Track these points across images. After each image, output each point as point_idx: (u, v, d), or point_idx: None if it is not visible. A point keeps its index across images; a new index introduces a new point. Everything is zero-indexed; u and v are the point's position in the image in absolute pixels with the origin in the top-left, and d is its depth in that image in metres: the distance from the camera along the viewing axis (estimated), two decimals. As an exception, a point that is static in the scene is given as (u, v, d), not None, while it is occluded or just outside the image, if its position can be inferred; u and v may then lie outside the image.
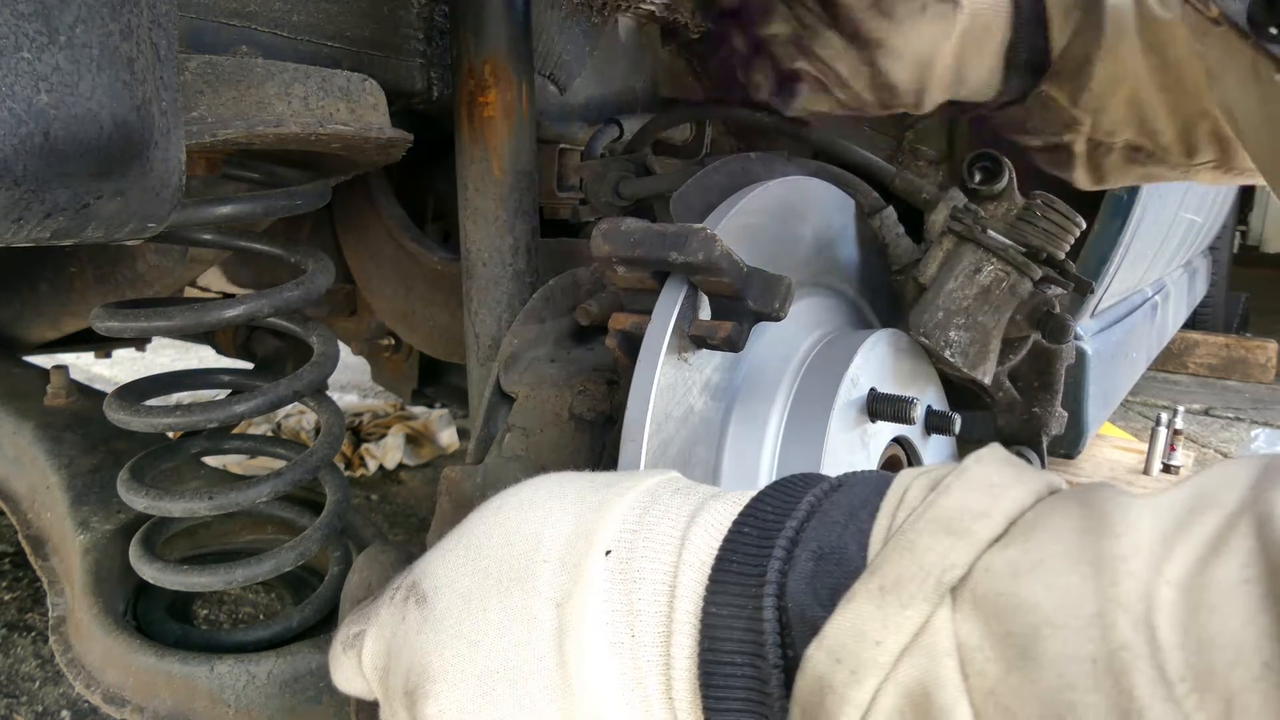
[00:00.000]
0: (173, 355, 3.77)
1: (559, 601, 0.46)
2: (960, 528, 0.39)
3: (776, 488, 0.49)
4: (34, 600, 1.89)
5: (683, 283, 0.64)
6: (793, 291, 0.62)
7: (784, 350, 0.76)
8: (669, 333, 0.62)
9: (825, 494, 0.47)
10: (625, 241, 0.63)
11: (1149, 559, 0.35)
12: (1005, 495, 0.41)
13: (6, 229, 0.46)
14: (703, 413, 0.68)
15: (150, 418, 0.84)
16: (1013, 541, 0.39)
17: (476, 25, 0.90)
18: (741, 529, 0.46)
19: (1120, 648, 0.34)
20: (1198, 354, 4.57)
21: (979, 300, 0.85)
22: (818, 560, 0.43)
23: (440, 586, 0.49)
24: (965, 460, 0.44)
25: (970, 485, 0.41)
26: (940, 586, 0.38)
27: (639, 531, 0.47)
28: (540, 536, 0.48)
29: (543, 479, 0.53)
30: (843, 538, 0.43)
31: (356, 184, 1.44)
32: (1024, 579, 0.37)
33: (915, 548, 0.39)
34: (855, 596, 0.40)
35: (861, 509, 0.45)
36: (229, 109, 0.67)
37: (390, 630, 0.50)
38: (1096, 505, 0.39)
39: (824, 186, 0.84)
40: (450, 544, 0.51)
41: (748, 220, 0.72)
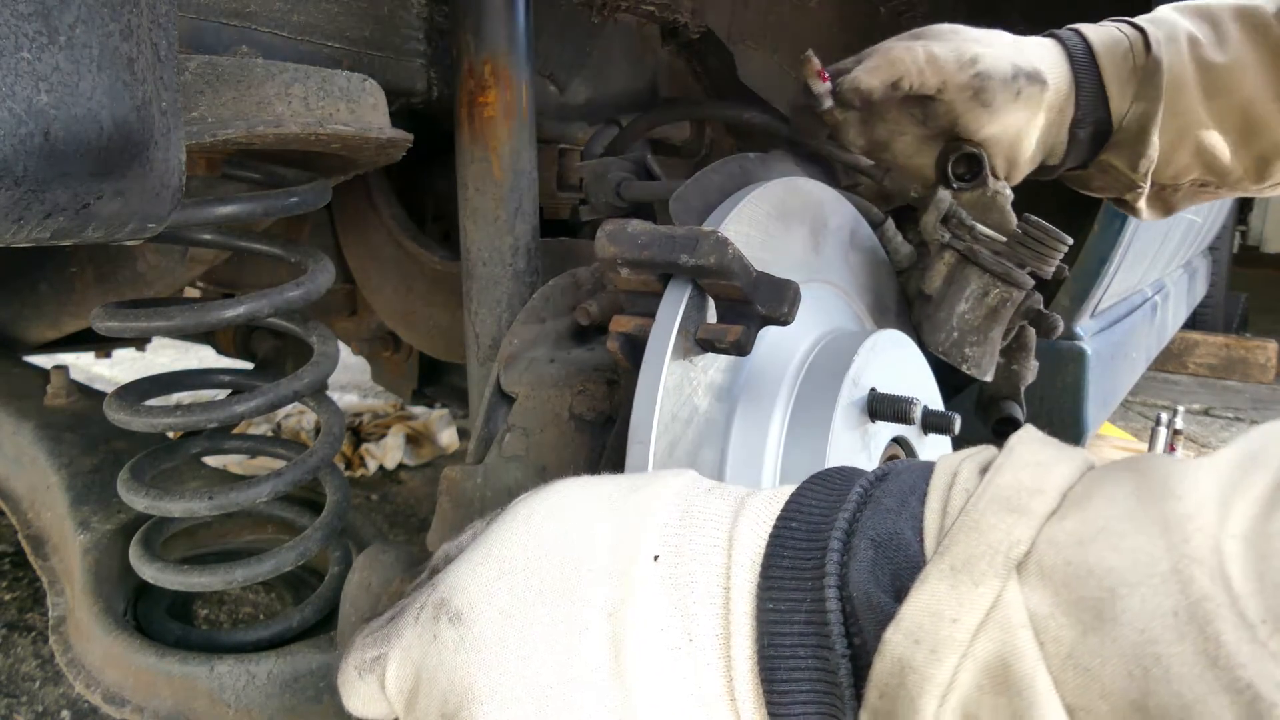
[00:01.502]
0: (173, 355, 3.77)
1: (610, 611, 0.45)
2: (1020, 504, 0.41)
3: (816, 481, 0.49)
4: (34, 600, 1.89)
5: (686, 284, 0.63)
6: (799, 296, 0.62)
7: (785, 350, 0.76)
8: (674, 334, 0.62)
9: (874, 483, 0.47)
10: (632, 243, 0.63)
11: (1213, 516, 0.36)
12: (1054, 471, 0.42)
13: (6, 229, 0.46)
14: (707, 414, 0.68)
15: (150, 418, 0.84)
16: (1068, 513, 0.40)
17: (476, 25, 0.90)
18: (789, 524, 0.46)
19: (1202, 598, 0.35)
20: (1198, 354, 4.57)
21: (988, 320, 0.92)
22: (877, 548, 0.44)
23: (476, 603, 0.47)
24: (1010, 441, 0.45)
25: (1020, 464, 0.43)
26: (1009, 562, 0.39)
27: (683, 534, 0.46)
28: (580, 545, 0.47)
29: (564, 484, 0.52)
30: (898, 524, 0.44)
31: (356, 184, 1.44)
32: (1089, 546, 0.38)
33: (980, 526, 0.41)
34: (929, 578, 0.41)
35: (911, 495, 0.45)
36: (229, 109, 0.67)
37: (419, 652, 0.48)
38: (1149, 471, 0.40)
39: (819, 186, 0.84)
40: (478, 557, 0.49)
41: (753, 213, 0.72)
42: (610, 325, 0.68)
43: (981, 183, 0.93)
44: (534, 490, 0.53)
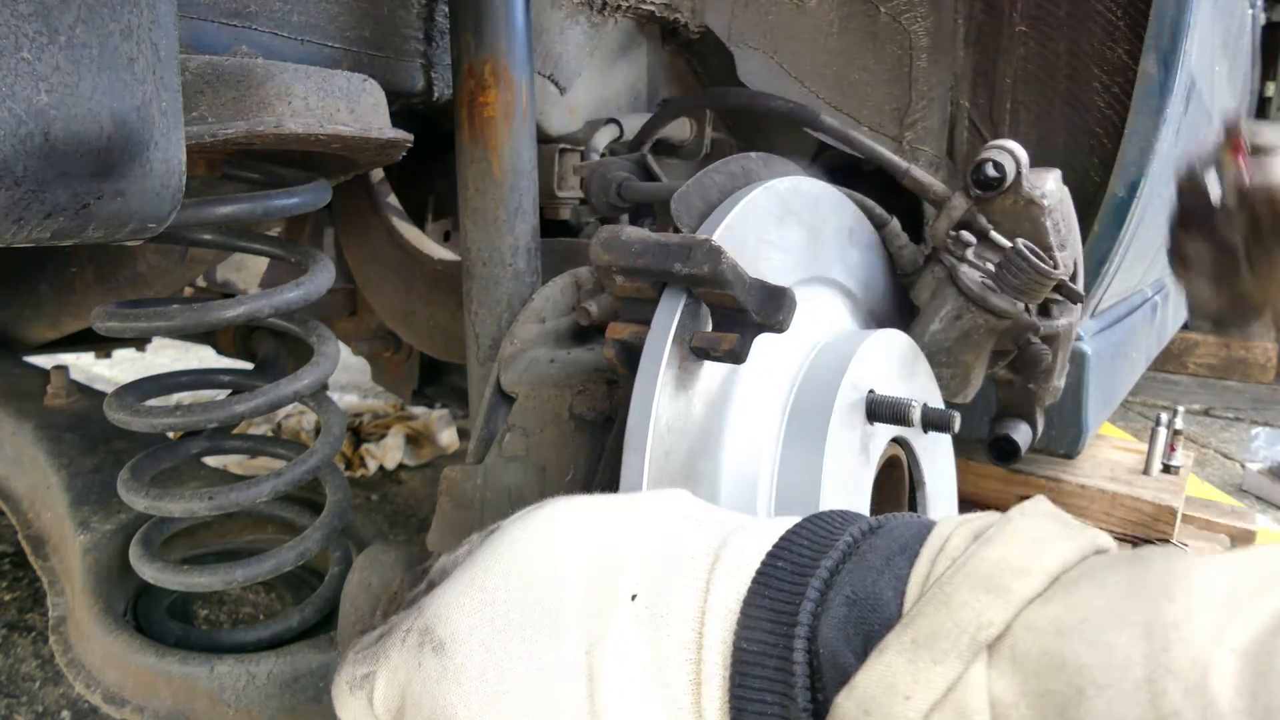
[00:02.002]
0: (173, 355, 3.77)
1: (588, 649, 0.45)
2: (999, 584, 0.39)
3: (813, 523, 0.48)
4: (34, 600, 1.89)
5: (681, 292, 0.63)
6: (795, 304, 0.62)
7: (783, 353, 0.76)
8: (669, 345, 0.62)
9: (863, 535, 0.46)
10: (626, 251, 0.62)
11: (1208, 627, 0.35)
12: (1049, 551, 0.40)
13: (7, 229, 0.45)
14: (703, 422, 0.68)
15: (150, 418, 0.84)
16: (1055, 597, 0.39)
17: (476, 25, 0.90)
18: (775, 563, 0.45)
19: (1171, 714, 0.34)
20: (1198, 354, 4.57)
21: (959, 343, 0.89)
22: (851, 606, 0.43)
23: (458, 635, 0.48)
24: (1010, 512, 0.43)
25: (1013, 539, 0.41)
26: (975, 644, 0.38)
27: (663, 573, 0.46)
28: (561, 580, 0.47)
29: (552, 509, 0.52)
30: (878, 584, 0.43)
31: (356, 184, 1.44)
32: (1067, 637, 0.37)
33: (951, 602, 0.39)
34: (887, 649, 0.39)
35: (900, 555, 0.44)
36: (229, 109, 0.67)
37: (405, 676, 0.49)
38: (1151, 564, 0.38)
39: (821, 185, 0.84)
40: (462, 585, 0.50)
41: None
42: (606, 332, 0.67)
43: (1013, 189, 0.86)
44: (522, 513, 0.53)
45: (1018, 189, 0.87)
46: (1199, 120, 1.56)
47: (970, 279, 0.86)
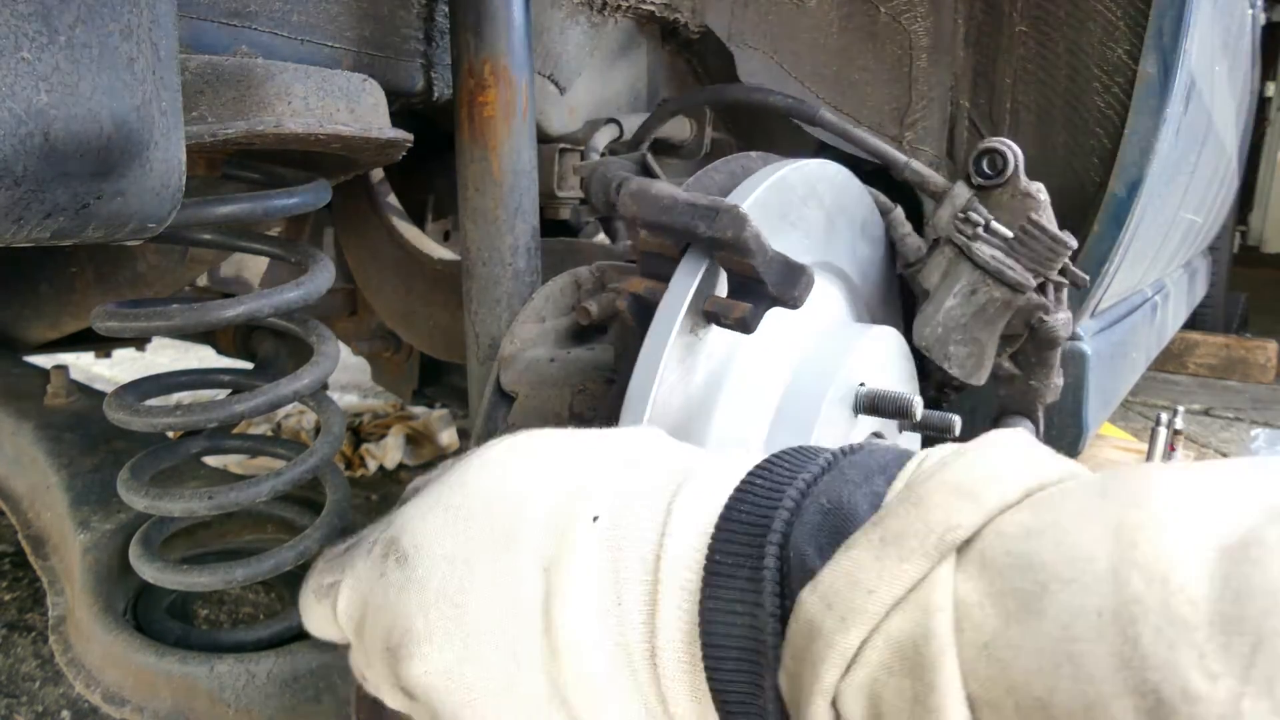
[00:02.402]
0: (173, 355, 3.77)
1: (546, 567, 0.46)
2: (972, 490, 0.39)
3: (793, 450, 0.48)
4: (34, 600, 1.89)
5: (704, 256, 0.63)
6: (813, 282, 0.62)
7: (783, 337, 0.76)
8: (685, 305, 0.62)
9: (844, 454, 0.46)
10: (654, 206, 0.62)
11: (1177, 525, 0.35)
12: (1025, 467, 0.41)
13: (6, 229, 0.46)
14: (702, 392, 0.68)
15: (150, 418, 0.84)
16: (1026, 506, 0.39)
17: (476, 25, 0.90)
18: (755, 481, 0.46)
19: (1132, 600, 0.34)
20: (1198, 354, 4.57)
21: (975, 318, 0.89)
22: (825, 514, 0.43)
23: (421, 546, 0.48)
24: (992, 434, 0.44)
25: (992, 452, 0.42)
26: (942, 545, 0.38)
27: (624, 496, 0.46)
28: (525, 497, 0.48)
29: (524, 435, 0.52)
30: (854, 496, 0.43)
31: (356, 184, 1.44)
32: (1034, 539, 0.37)
33: (922, 504, 0.39)
34: (854, 545, 0.40)
35: (879, 473, 0.44)
36: (229, 109, 0.67)
37: (368, 585, 0.50)
38: (1123, 477, 0.39)
39: (843, 171, 0.84)
40: (430, 501, 0.51)
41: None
42: (625, 285, 0.67)
43: (1010, 182, 0.88)
44: (499, 438, 0.54)
45: (1015, 182, 0.88)
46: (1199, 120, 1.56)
47: (985, 252, 0.86)
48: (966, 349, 0.88)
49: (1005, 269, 0.87)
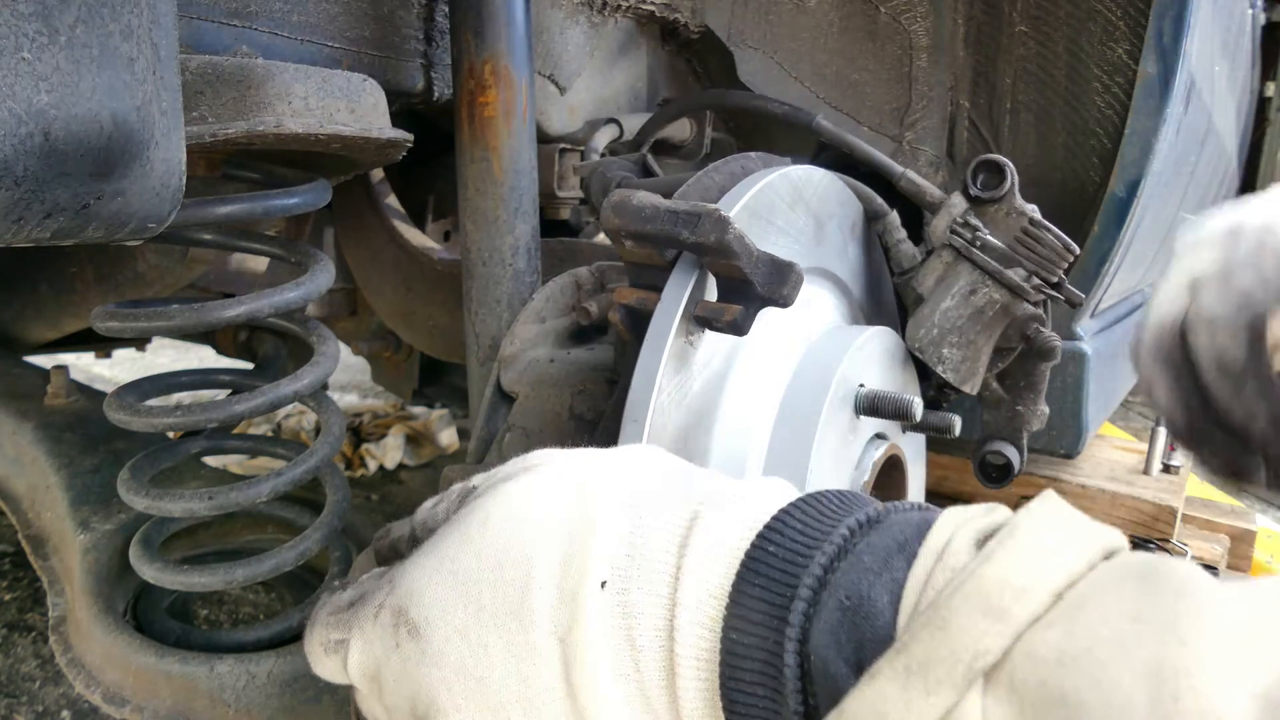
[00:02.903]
0: (173, 355, 3.77)
1: (561, 636, 0.46)
2: (999, 606, 0.37)
3: (807, 506, 0.46)
4: (34, 600, 1.89)
5: (695, 265, 0.63)
6: (801, 279, 0.62)
7: (781, 341, 0.76)
8: (679, 314, 0.62)
9: (860, 528, 0.44)
10: (636, 216, 0.62)
11: (1221, 674, 0.33)
12: (1053, 564, 0.38)
13: (7, 229, 0.46)
14: (702, 398, 0.68)
15: (150, 418, 0.84)
16: (1057, 620, 0.37)
17: (476, 25, 0.90)
18: (767, 547, 0.44)
19: None
20: (1198, 354, 4.56)
21: (973, 320, 0.87)
22: (844, 611, 0.41)
23: (432, 620, 0.48)
24: (1016, 516, 0.41)
25: (1015, 552, 0.39)
26: (971, 673, 0.36)
27: (632, 557, 0.46)
28: (531, 562, 0.47)
29: (518, 483, 0.51)
30: (874, 587, 0.41)
31: (356, 184, 1.44)
32: (1069, 668, 0.35)
33: (948, 627, 0.37)
34: (879, 674, 0.38)
35: (898, 554, 0.42)
36: (229, 109, 0.67)
37: (381, 652, 0.50)
38: (1158, 591, 0.36)
39: (830, 176, 0.84)
40: (434, 563, 0.50)
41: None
42: (614, 296, 0.67)
43: (1006, 199, 0.87)
44: (494, 481, 0.53)
45: (1010, 199, 0.88)
46: (1199, 120, 1.56)
47: (985, 253, 0.86)
48: (961, 352, 0.88)
49: (1004, 271, 0.87)
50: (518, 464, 0.55)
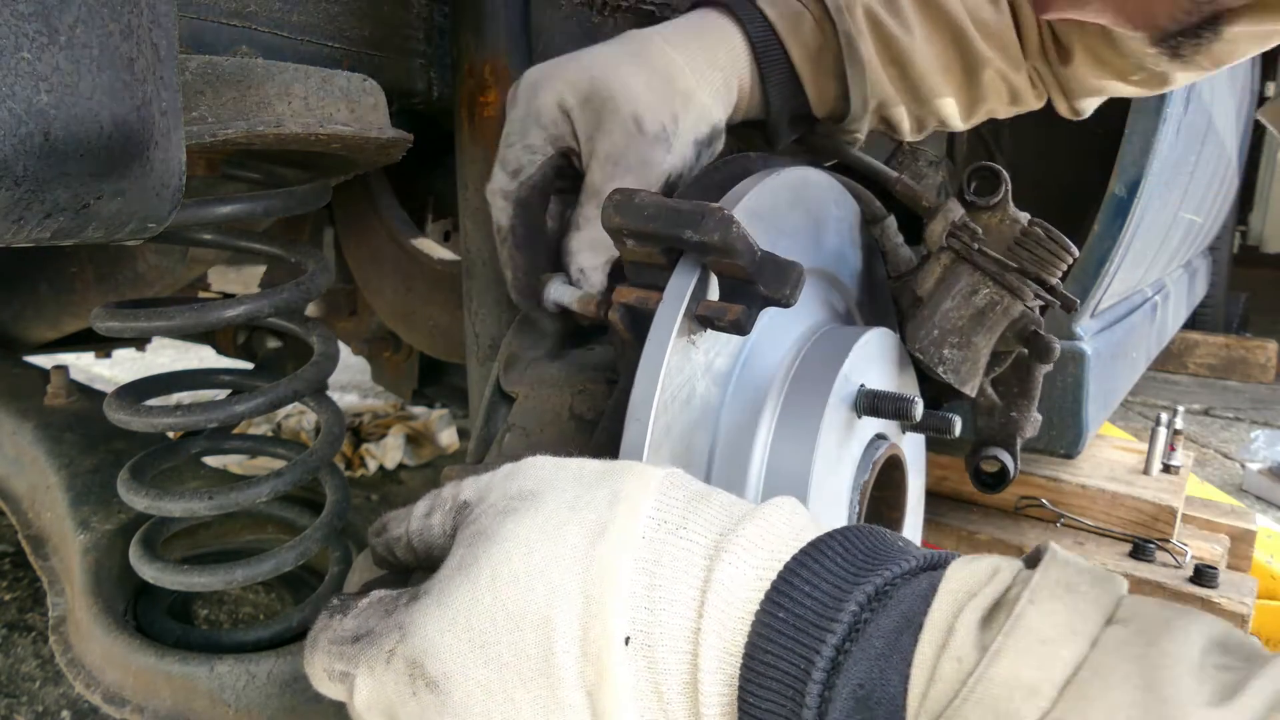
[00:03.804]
0: (173, 355, 3.77)
1: (589, 690, 0.46)
2: (1009, 710, 0.38)
3: (812, 563, 0.46)
4: (34, 600, 1.89)
5: (697, 264, 0.63)
6: (804, 279, 0.62)
7: (780, 340, 0.76)
8: (681, 314, 0.62)
9: (867, 604, 0.45)
10: (638, 215, 0.62)
11: None
12: (1058, 658, 0.39)
13: (7, 229, 0.46)
14: (704, 398, 0.68)
15: (150, 418, 0.84)
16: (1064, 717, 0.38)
17: (476, 25, 0.90)
18: (777, 614, 0.45)
19: None
20: (1198, 354, 4.57)
21: (973, 321, 0.87)
22: (858, 700, 0.42)
23: (452, 675, 0.48)
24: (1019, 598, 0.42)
25: (1022, 644, 0.40)
26: None
27: (652, 612, 0.46)
28: (551, 623, 0.47)
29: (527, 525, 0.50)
30: (885, 672, 0.42)
31: (356, 184, 1.44)
32: None
33: None
34: None
35: (906, 630, 0.43)
36: (229, 109, 0.67)
37: (395, 697, 0.49)
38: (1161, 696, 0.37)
39: (828, 177, 0.84)
40: (446, 621, 0.49)
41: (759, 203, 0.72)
42: (613, 295, 0.67)
43: (1001, 206, 0.88)
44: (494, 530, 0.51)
45: (1005, 207, 0.89)
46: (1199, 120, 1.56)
47: (986, 254, 0.86)
48: (961, 354, 0.88)
49: (1006, 273, 0.87)
50: (512, 482, 0.54)
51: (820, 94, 0.87)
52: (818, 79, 0.86)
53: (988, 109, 0.95)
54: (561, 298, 0.77)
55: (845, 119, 0.88)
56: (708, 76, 0.80)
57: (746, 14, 0.83)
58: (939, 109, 0.91)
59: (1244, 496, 2.91)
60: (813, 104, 0.88)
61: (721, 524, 0.49)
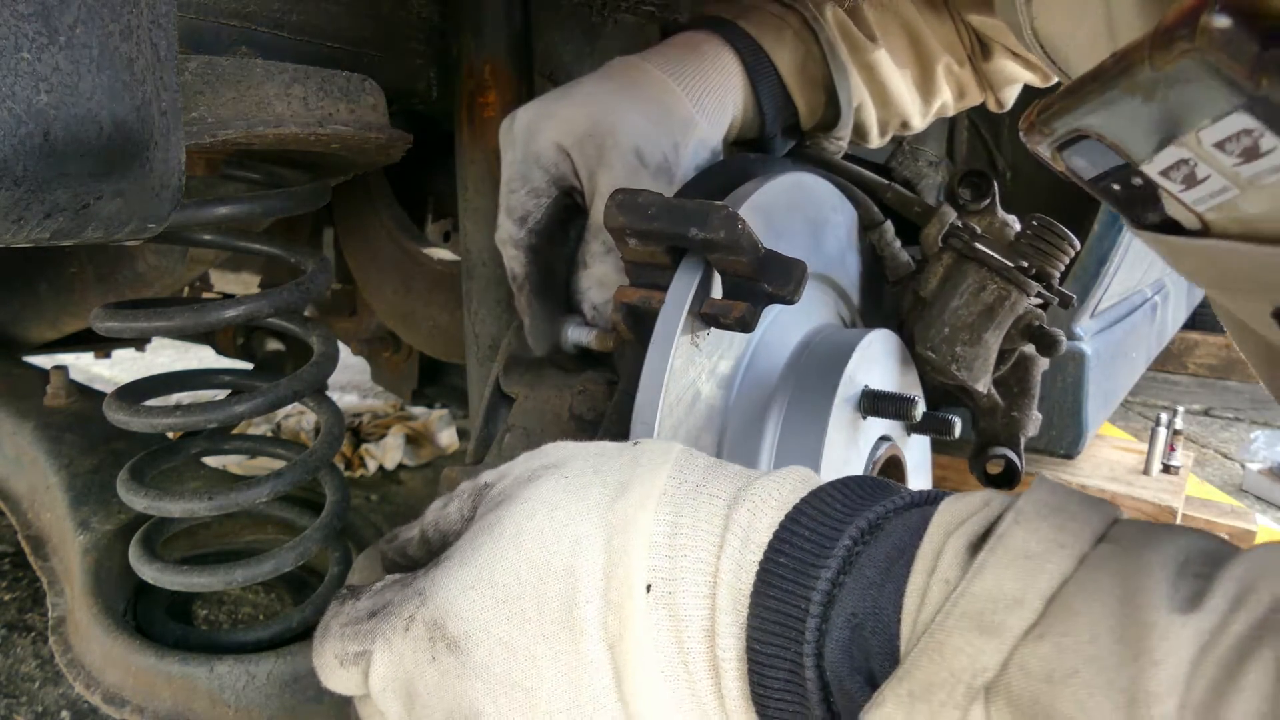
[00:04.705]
0: (173, 355, 3.77)
1: (611, 644, 0.46)
2: (992, 623, 0.38)
3: (811, 509, 0.47)
4: (34, 600, 1.89)
5: (700, 263, 0.63)
6: (807, 276, 0.62)
7: (784, 342, 0.76)
8: (684, 314, 0.61)
9: (860, 538, 0.45)
10: (642, 213, 0.62)
11: (1180, 693, 0.34)
12: (1043, 571, 0.39)
13: (6, 229, 0.45)
14: (709, 400, 0.68)
15: (150, 418, 0.84)
16: (1048, 632, 0.38)
17: (476, 26, 0.90)
18: (778, 558, 0.45)
19: None
20: (1198, 354, 4.57)
21: (983, 317, 0.88)
22: (853, 628, 0.43)
23: (473, 633, 0.48)
24: (1004, 519, 0.42)
25: (1006, 560, 0.40)
26: (970, 691, 0.38)
27: (673, 558, 0.46)
28: (575, 573, 0.47)
29: (550, 486, 0.51)
30: (879, 601, 0.43)
31: (356, 184, 1.44)
32: (1058, 689, 0.36)
33: (944, 649, 0.39)
34: (885, 700, 0.39)
35: (899, 560, 0.43)
36: (229, 109, 0.67)
37: (414, 666, 0.49)
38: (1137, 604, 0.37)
39: (825, 183, 0.84)
40: (469, 578, 0.49)
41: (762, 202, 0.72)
42: (615, 295, 0.67)
43: (990, 210, 0.90)
44: (514, 482, 0.52)
45: (994, 210, 0.90)
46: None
47: (990, 250, 0.87)
48: (973, 350, 0.88)
49: (1011, 268, 0.87)
50: (535, 460, 0.54)
51: (809, 103, 0.88)
52: (805, 89, 0.87)
53: (940, 104, 0.99)
54: (580, 339, 0.77)
55: (834, 126, 0.90)
56: (704, 101, 0.81)
57: (733, 33, 0.84)
58: (901, 108, 0.95)
59: (1244, 497, 2.91)
60: (802, 115, 0.89)
61: (739, 482, 0.50)
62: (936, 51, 0.93)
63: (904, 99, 0.94)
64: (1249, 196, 0.41)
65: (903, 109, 0.95)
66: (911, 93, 0.95)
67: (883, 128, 0.96)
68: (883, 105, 0.93)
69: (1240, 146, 0.40)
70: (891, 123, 0.96)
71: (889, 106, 0.94)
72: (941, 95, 0.97)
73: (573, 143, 0.75)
